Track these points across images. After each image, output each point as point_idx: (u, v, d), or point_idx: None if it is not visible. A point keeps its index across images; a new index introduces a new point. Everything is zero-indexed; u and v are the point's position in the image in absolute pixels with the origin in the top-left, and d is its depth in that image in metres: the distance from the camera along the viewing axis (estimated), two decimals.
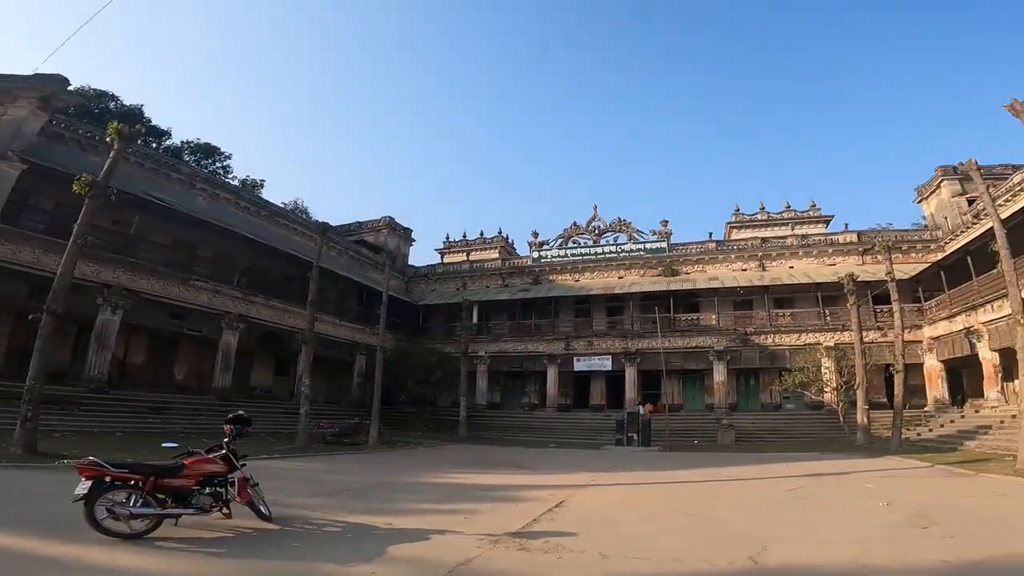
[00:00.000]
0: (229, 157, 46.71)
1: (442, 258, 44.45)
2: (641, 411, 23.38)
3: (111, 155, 13.79)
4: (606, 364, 30.69)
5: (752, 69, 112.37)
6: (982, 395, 24.11)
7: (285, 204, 41.67)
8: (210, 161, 44.78)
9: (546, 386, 31.62)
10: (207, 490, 5.37)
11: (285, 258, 26.22)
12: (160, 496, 5.00)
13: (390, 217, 41.77)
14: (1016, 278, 12.12)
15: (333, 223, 40.94)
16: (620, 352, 30.43)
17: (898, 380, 19.66)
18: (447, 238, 45.49)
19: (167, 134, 43.13)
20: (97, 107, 37.10)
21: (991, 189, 26.09)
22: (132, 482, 4.88)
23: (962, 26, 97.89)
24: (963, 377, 26.54)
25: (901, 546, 5.28)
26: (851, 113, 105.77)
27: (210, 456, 5.54)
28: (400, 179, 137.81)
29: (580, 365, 31.28)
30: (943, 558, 4.80)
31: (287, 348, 26.23)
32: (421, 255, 66.49)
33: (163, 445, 6.08)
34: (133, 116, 34.68)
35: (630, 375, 29.80)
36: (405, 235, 43.19)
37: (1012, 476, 10.27)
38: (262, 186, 47.46)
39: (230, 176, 44.14)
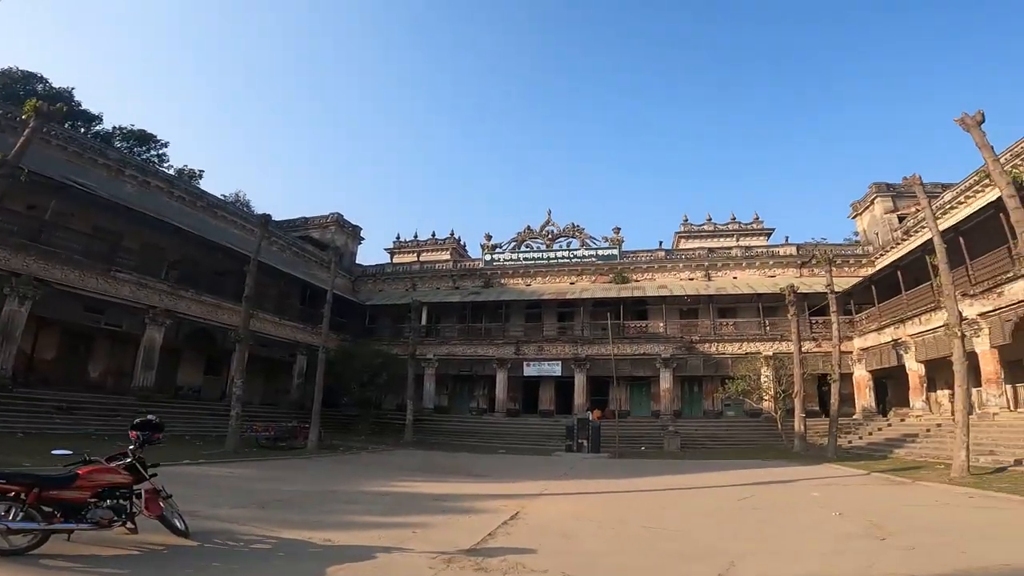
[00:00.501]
0: (165, 145, 44.14)
1: (391, 258, 43.32)
2: (590, 417, 23.34)
3: (25, 133, 12.66)
4: (556, 369, 30.60)
5: (706, 75, 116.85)
6: (906, 404, 25.43)
7: (225, 196, 39.45)
8: (144, 149, 42.22)
9: (495, 390, 31.20)
10: (107, 503, 4.64)
11: (221, 251, 24.61)
12: (47, 509, 4.28)
13: (338, 214, 40.32)
14: (954, 291, 12.73)
15: (278, 218, 39.23)
16: (570, 358, 30.42)
17: (834, 389, 20.38)
18: (397, 238, 44.41)
19: (98, 119, 40.42)
20: (24, 89, 34.62)
21: (921, 209, 27.87)
22: (12, 493, 4.17)
23: (903, 38, 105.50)
24: (888, 387, 28.09)
25: (866, 559, 5.16)
26: (794, 121, 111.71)
27: (111, 465, 4.82)
28: (351, 178, 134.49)
29: (530, 370, 31.05)
30: (910, 572, 4.69)
31: (219, 346, 24.57)
32: (370, 255, 64.95)
33: (53, 453, 5.22)
34: (61, 99, 32.29)
35: (579, 381, 29.82)
36: (354, 233, 41.79)
37: (947, 485, 10.62)
38: (200, 177, 44.99)
39: (165, 165, 41.65)
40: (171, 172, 37.40)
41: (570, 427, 21.90)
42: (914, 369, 22.66)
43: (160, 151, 43.67)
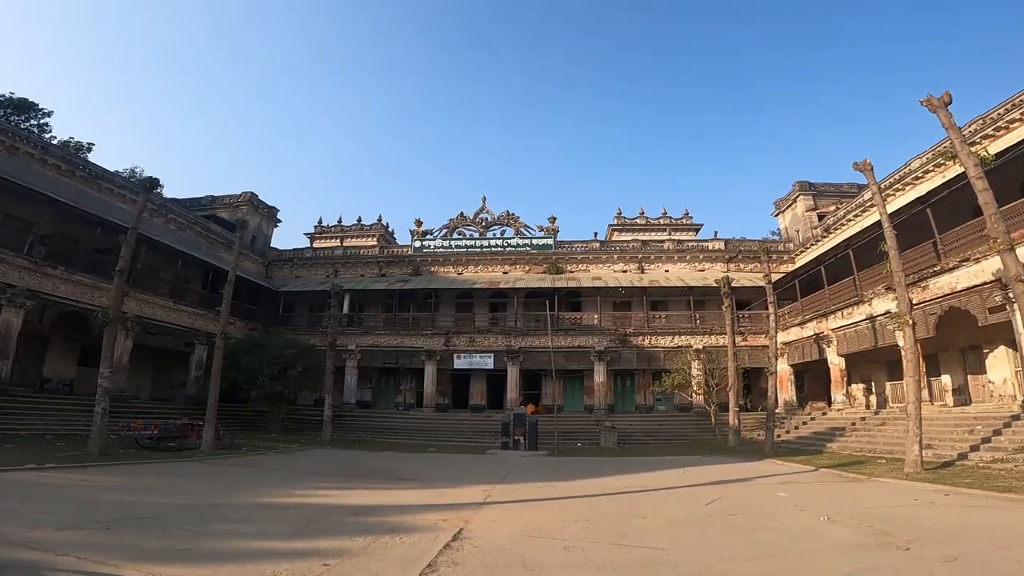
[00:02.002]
0: (49, 115, 38.44)
1: (312, 243, 40.14)
2: (524, 412, 22.18)
3: None
4: (488, 362, 29.18)
5: (642, 82, 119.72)
6: (820, 398, 26.28)
7: (119, 172, 34.61)
8: (23, 118, 36.65)
9: (423, 384, 29.31)
10: None
11: (102, 226, 21.09)
12: None
13: (252, 192, 36.69)
14: (903, 278, 12.57)
15: (184, 197, 35.17)
16: (503, 350, 29.11)
17: (771, 382, 20.42)
18: (319, 222, 41.26)
19: None
20: None
21: (840, 207, 28.95)
22: None
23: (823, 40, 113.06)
24: (805, 381, 29.05)
25: None
26: (722, 123, 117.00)
27: None
28: (272, 162, 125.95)
29: (460, 363, 29.43)
30: None
31: (97, 333, 21.04)
32: (290, 242, 60.41)
33: None
34: None
35: (512, 374, 28.58)
36: (269, 214, 38.22)
37: (907, 481, 10.12)
38: (90, 150, 39.58)
39: (48, 135, 36.09)
40: (54, 143, 32.26)
41: (505, 423, 20.51)
42: (835, 363, 23.24)
43: (42, 121, 38.12)
